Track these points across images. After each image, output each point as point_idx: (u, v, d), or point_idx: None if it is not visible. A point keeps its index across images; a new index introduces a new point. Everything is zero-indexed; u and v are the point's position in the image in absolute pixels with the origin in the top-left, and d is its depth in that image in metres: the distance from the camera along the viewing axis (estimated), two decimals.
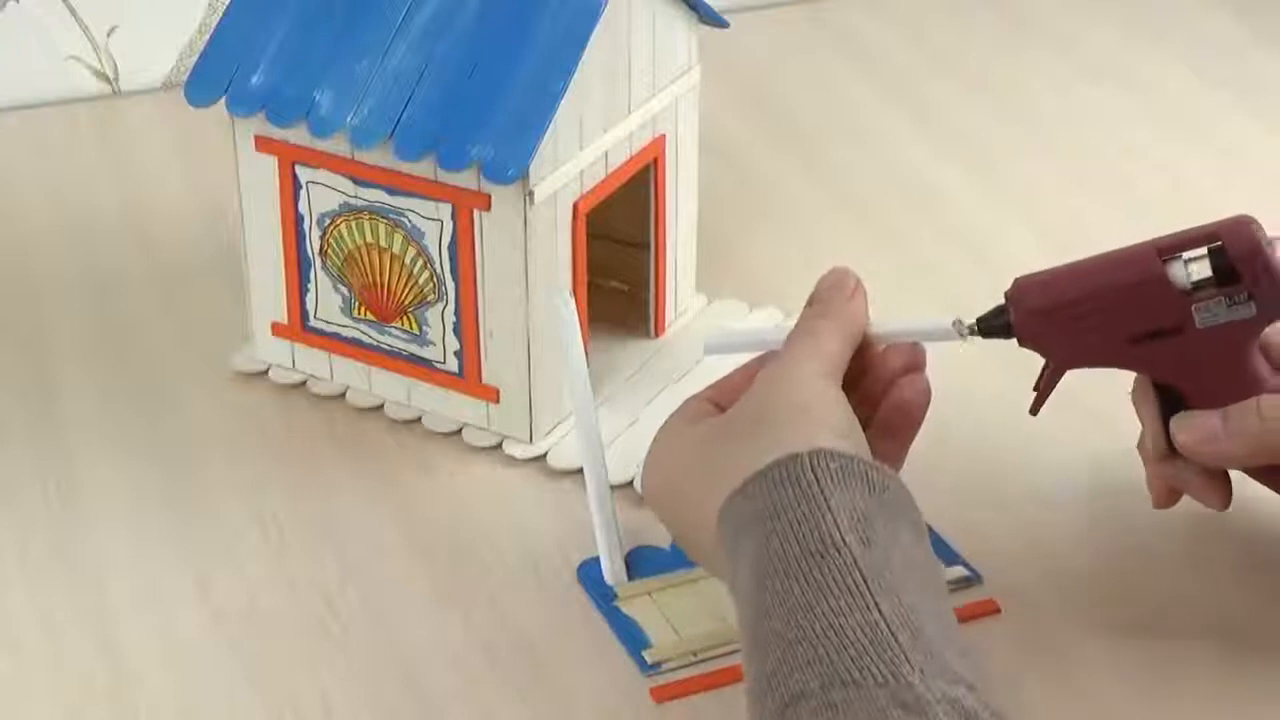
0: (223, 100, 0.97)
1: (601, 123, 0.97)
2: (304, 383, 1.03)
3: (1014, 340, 0.86)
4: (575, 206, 0.96)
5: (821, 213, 1.21)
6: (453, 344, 0.98)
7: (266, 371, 1.04)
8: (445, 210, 0.94)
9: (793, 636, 0.69)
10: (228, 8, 0.99)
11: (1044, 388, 0.87)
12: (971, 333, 0.86)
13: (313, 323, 1.01)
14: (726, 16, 1.04)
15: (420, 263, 0.96)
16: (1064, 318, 0.85)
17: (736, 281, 1.12)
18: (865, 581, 0.71)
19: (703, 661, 0.86)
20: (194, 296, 1.12)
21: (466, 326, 0.97)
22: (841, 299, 0.85)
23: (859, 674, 0.67)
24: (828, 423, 0.78)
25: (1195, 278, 0.83)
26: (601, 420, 0.93)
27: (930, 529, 0.92)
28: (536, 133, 0.91)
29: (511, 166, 0.91)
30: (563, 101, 0.91)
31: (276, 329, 1.03)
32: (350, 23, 0.96)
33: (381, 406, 1.01)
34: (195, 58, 0.98)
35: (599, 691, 0.85)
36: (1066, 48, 1.42)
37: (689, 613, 0.88)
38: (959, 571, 0.90)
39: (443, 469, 0.98)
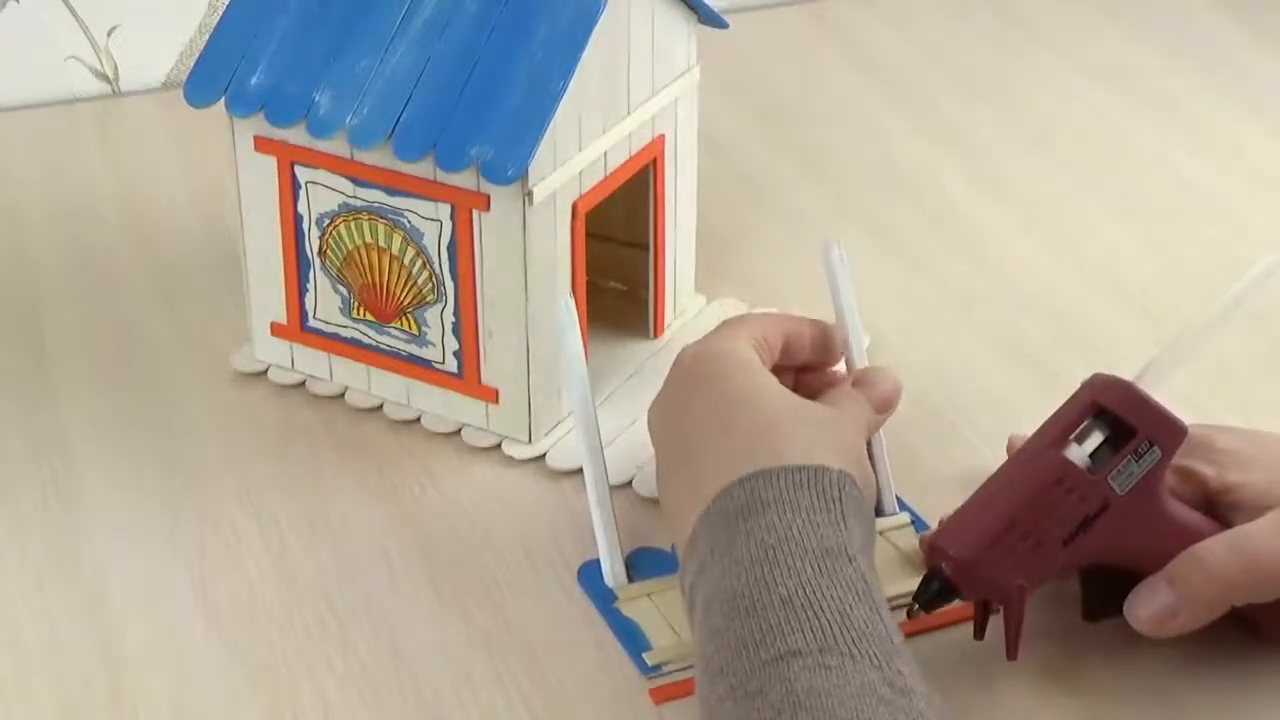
0: (222, 100, 0.97)
1: (601, 123, 0.97)
2: (303, 383, 1.03)
3: (958, 600, 0.83)
4: (574, 206, 0.96)
5: (821, 213, 1.21)
6: (452, 344, 0.98)
7: (266, 372, 1.04)
8: (444, 210, 0.94)
9: (799, 604, 0.75)
10: (227, 7, 0.98)
11: (1012, 629, 0.82)
12: (918, 613, 0.83)
13: (312, 323, 1.01)
14: (726, 16, 1.04)
15: (419, 263, 0.96)
16: (997, 553, 0.81)
17: (736, 281, 1.12)
18: (870, 591, 0.77)
19: None
20: (194, 296, 1.11)
21: (465, 327, 0.97)
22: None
23: (857, 652, 0.72)
24: (862, 473, 0.85)
25: (1090, 450, 0.83)
26: (601, 420, 0.92)
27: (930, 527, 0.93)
28: (535, 133, 0.91)
29: (510, 167, 0.91)
30: (562, 102, 0.91)
31: (276, 329, 1.03)
32: (350, 23, 0.96)
33: (381, 407, 1.01)
34: (195, 58, 0.98)
35: (599, 692, 0.85)
36: (1067, 48, 1.42)
37: None
38: None
39: (442, 469, 0.98)
